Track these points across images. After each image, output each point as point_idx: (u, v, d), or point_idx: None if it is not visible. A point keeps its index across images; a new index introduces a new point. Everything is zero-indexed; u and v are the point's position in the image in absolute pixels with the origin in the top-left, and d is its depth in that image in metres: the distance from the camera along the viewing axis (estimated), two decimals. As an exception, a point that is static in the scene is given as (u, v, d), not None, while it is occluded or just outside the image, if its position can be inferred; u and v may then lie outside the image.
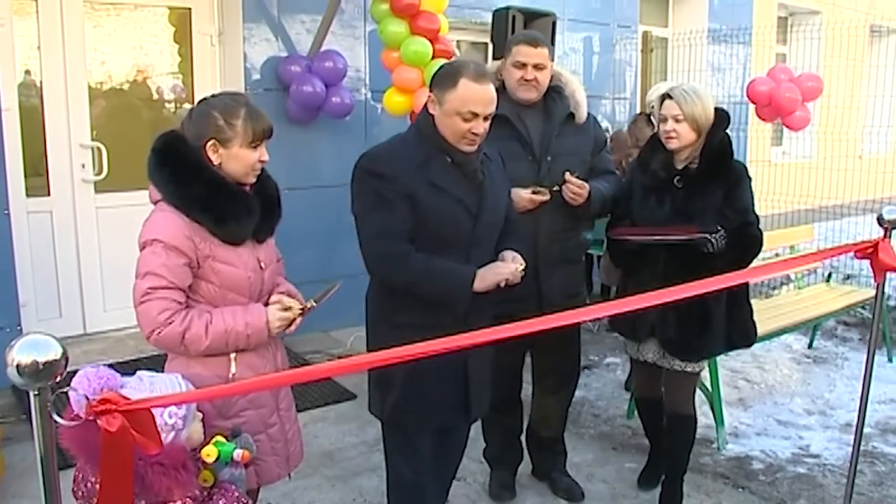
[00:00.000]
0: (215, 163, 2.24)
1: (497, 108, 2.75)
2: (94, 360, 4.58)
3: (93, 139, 5.06)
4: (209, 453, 1.91)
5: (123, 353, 4.90)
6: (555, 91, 3.27)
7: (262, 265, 2.37)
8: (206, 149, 2.22)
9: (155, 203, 2.27)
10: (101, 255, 5.18)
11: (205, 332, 2.17)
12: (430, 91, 2.58)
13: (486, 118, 2.51)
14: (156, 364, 2.42)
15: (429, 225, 2.53)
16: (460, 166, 2.56)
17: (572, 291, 3.39)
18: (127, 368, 4.79)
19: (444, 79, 2.52)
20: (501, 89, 3.16)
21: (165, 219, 2.19)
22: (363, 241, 2.59)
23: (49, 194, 5.00)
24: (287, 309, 2.32)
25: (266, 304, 2.34)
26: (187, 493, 1.80)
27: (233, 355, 2.29)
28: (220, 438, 1.97)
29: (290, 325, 2.35)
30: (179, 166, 2.21)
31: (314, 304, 2.34)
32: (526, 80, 3.16)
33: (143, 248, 2.20)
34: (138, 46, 5.32)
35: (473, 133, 2.49)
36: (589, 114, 3.35)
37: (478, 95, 2.47)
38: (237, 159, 2.24)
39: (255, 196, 2.33)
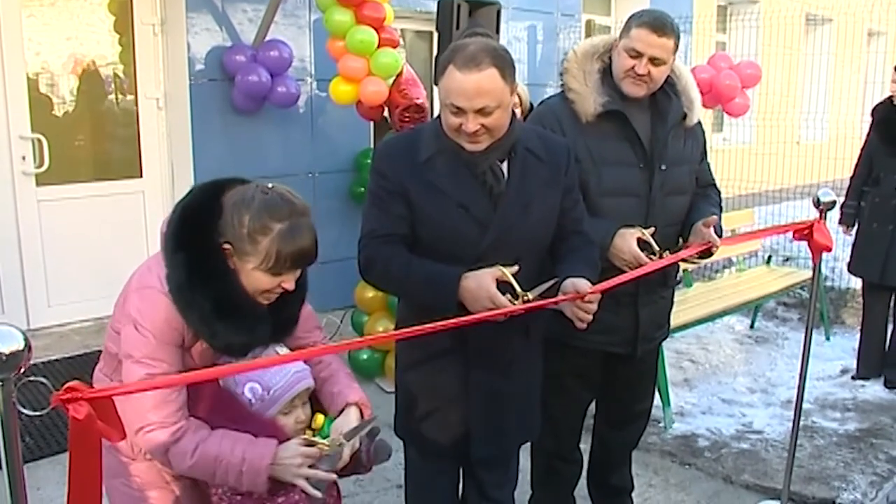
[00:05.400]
0: (230, 266, 1.85)
1: (605, 97, 2.53)
2: (39, 356, 4.50)
3: (33, 131, 4.94)
4: (318, 421, 1.96)
5: (68, 349, 4.81)
6: (667, 84, 2.66)
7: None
8: (223, 246, 1.83)
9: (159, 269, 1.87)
10: (45, 249, 5.07)
11: (192, 450, 1.80)
12: None
13: (481, 112, 2.04)
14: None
15: (424, 230, 2.19)
16: (469, 166, 2.15)
17: (662, 321, 2.94)
18: (72, 364, 4.67)
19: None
20: (608, 72, 2.65)
21: (161, 306, 1.82)
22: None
23: (-12, 188, 4.89)
24: (311, 445, 1.87)
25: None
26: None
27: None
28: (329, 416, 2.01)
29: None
30: (195, 260, 1.81)
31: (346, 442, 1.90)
32: (637, 75, 2.54)
33: (128, 320, 1.84)
34: (79, 36, 5.20)
35: (466, 131, 2.06)
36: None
37: (458, 86, 2.02)
38: (249, 279, 1.83)
39: (269, 315, 1.92)
